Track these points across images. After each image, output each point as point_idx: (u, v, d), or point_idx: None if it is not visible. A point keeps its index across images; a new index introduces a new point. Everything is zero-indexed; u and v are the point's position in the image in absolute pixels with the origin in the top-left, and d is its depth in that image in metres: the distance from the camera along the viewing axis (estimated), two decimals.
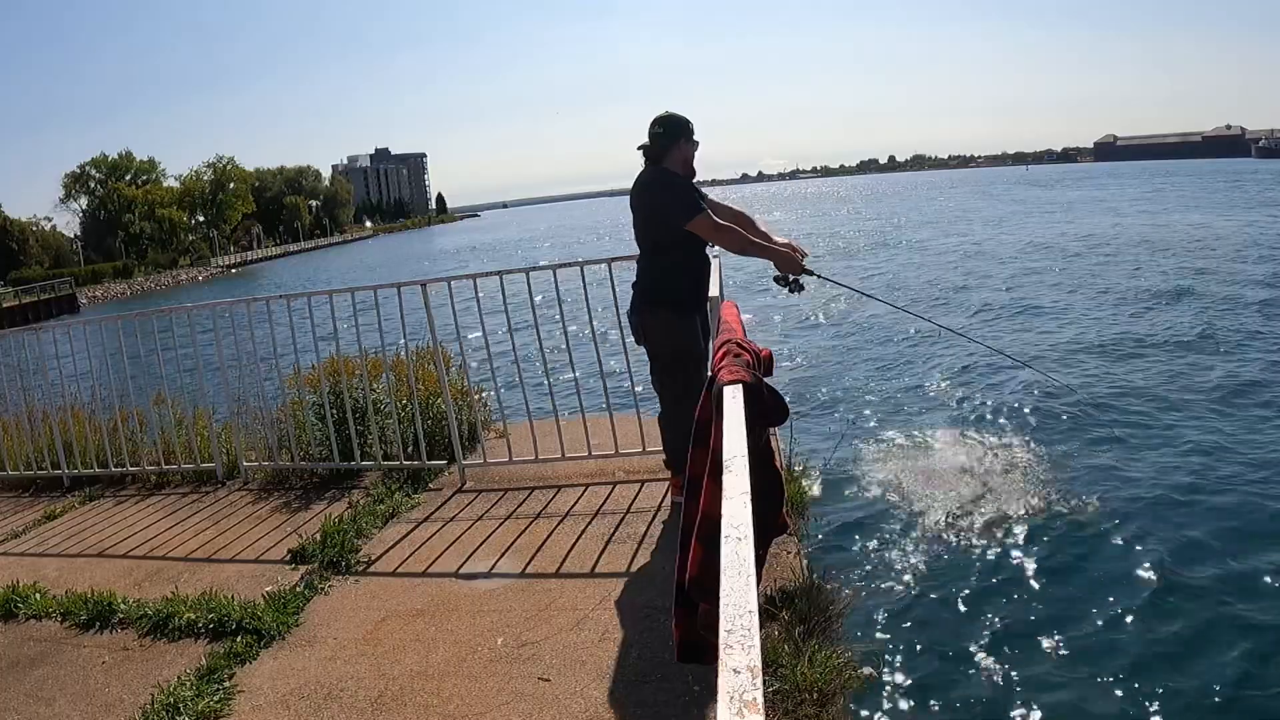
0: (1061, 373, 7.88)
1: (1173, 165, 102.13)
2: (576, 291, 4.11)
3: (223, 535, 3.92)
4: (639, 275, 3.44)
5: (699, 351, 3.31)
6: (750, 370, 1.80)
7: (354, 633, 2.83)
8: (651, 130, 3.30)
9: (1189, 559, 4.09)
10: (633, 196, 3.36)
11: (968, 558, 4.20)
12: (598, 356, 4.16)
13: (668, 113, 3.32)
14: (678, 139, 3.29)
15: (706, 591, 1.50)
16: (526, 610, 2.82)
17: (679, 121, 3.30)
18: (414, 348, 4.80)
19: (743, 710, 0.73)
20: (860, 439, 6.47)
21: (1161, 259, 16.60)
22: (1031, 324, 11.06)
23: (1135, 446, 5.77)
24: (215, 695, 2.51)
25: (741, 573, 0.96)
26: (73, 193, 69.76)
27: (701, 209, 3.22)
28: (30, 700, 2.66)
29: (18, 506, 4.95)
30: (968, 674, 3.22)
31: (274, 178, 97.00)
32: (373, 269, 47.06)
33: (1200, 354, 8.36)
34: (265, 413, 4.76)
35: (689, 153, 3.32)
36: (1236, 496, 4.78)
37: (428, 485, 4.20)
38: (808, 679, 2.29)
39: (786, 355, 9.93)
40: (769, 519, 2.07)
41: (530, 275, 4.10)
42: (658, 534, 3.28)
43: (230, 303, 4.76)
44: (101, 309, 41.69)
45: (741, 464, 1.29)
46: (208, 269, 64.57)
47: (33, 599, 3.39)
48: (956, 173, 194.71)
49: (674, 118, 3.31)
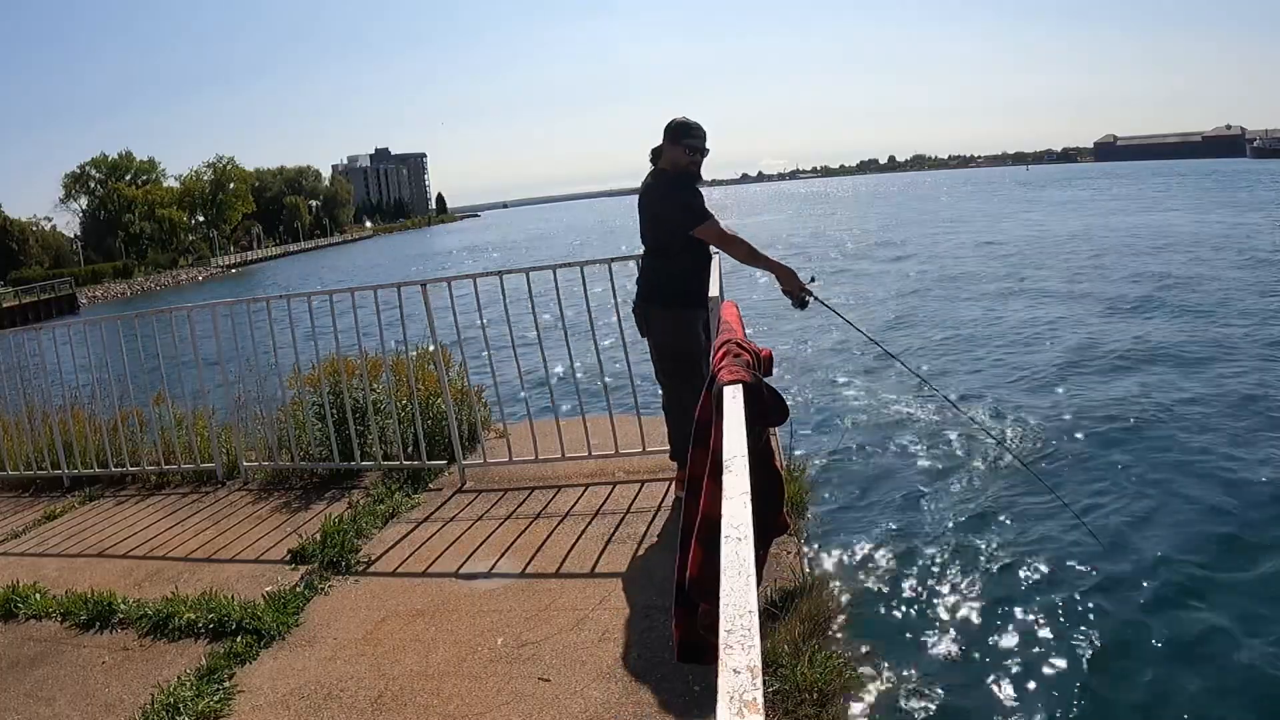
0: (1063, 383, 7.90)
1: (1168, 165, 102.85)
2: (577, 291, 4.11)
3: (223, 535, 3.92)
4: (644, 274, 3.52)
5: (700, 350, 3.36)
6: (750, 370, 1.80)
7: (354, 633, 2.83)
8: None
9: (1190, 560, 4.08)
10: (641, 198, 3.45)
11: (969, 557, 4.19)
12: (598, 357, 4.16)
13: (673, 119, 3.38)
14: (668, 142, 3.36)
15: (706, 592, 1.50)
16: (526, 610, 2.82)
17: (671, 126, 3.36)
18: (414, 348, 4.79)
19: (743, 710, 0.73)
20: (860, 439, 6.46)
21: (1112, 261, 17.11)
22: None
23: (1141, 451, 5.76)
24: (215, 695, 2.51)
25: (741, 573, 0.96)
26: (73, 193, 69.77)
27: (709, 215, 3.28)
28: (30, 700, 2.66)
29: (18, 506, 4.95)
30: (968, 674, 3.21)
31: (274, 178, 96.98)
32: (373, 269, 47.05)
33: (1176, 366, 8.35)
34: (265, 413, 4.76)
35: (676, 157, 3.35)
36: (1238, 499, 4.77)
37: (428, 485, 4.20)
38: (808, 679, 2.30)
39: (786, 355, 9.92)
40: (769, 519, 2.07)
41: (530, 275, 4.10)
42: (658, 534, 3.29)
43: (230, 303, 4.76)
44: (101, 309, 41.69)
45: (741, 464, 1.29)
46: (208, 269, 64.55)
47: (33, 599, 3.39)
48: (956, 173, 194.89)
49: (671, 123, 3.37)
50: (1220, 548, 4.18)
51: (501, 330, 4.51)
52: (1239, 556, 4.08)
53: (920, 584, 3.93)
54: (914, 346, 10.14)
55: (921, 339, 10.68)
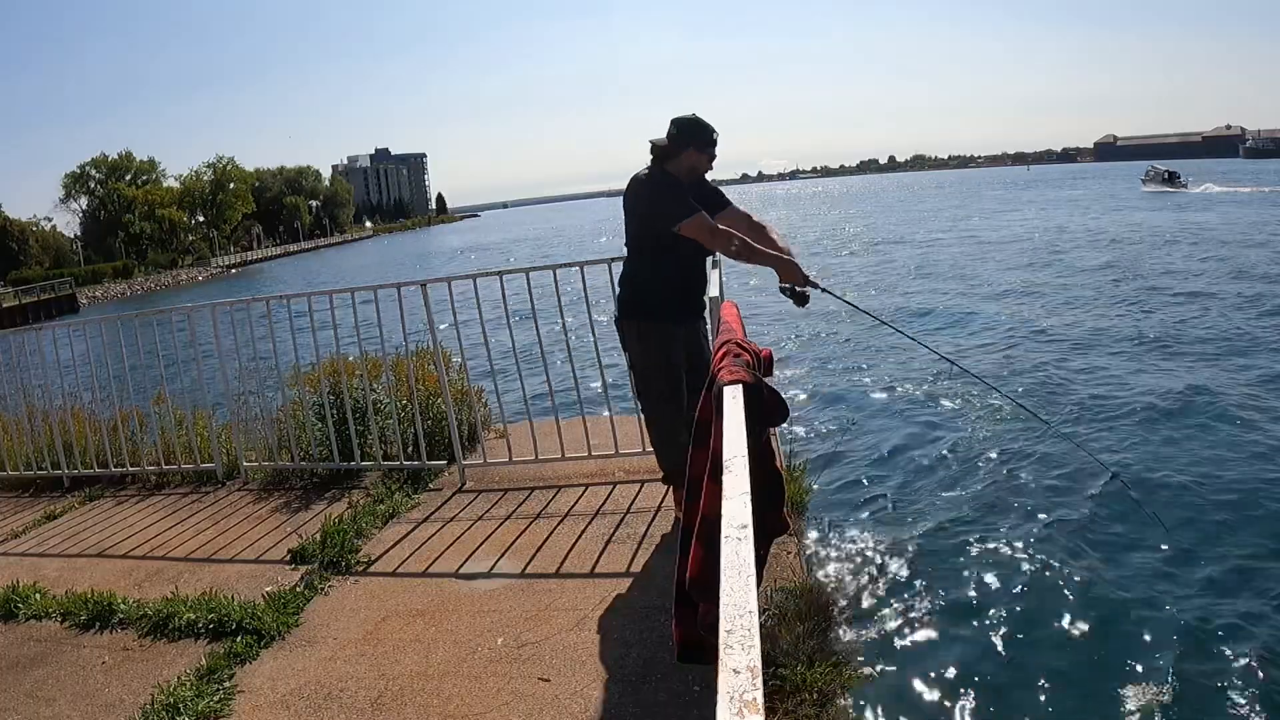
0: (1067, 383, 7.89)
1: (1163, 165, 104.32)
2: (577, 292, 4.11)
3: (223, 535, 3.92)
4: (623, 278, 3.24)
5: (670, 365, 3.10)
6: (750, 370, 1.80)
7: (354, 633, 2.83)
8: (669, 129, 3.07)
9: (1193, 559, 4.08)
10: (626, 195, 3.13)
11: (969, 557, 4.19)
12: (598, 357, 4.16)
13: (690, 115, 3.07)
14: (689, 145, 3.05)
15: (706, 592, 1.50)
16: (526, 610, 2.82)
17: (695, 127, 3.06)
18: (414, 348, 4.79)
19: (743, 710, 0.73)
20: (861, 439, 6.46)
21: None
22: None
23: (1141, 452, 5.76)
24: (215, 695, 2.51)
25: (741, 573, 0.95)
26: (73, 193, 69.76)
27: (695, 209, 2.95)
28: (30, 700, 2.66)
29: (18, 506, 4.95)
30: (968, 674, 3.21)
31: (274, 178, 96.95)
32: (373, 269, 47.04)
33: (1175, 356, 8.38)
34: (265, 413, 4.76)
35: (697, 162, 3.09)
36: (1240, 498, 4.77)
37: (428, 485, 4.20)
38: (808, 679, 2.30)
39: (786, 355, 9.92)
40: (769, 519, 2.07)
41: (530, 275, 4.10)
42: (658, 534, 3.28)
43: (230, 303, 4.76)
44: (101, 309, 41.64)
45: (741, 464, 1.29)
46: (208, 269, 64.52)
47: (33, 599, 3.39)
48: (956, 173, 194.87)
49: (692, 121, 3.06)
50: (1229, 546, 4.17)
51: (502, 330, 4.50)
52: (1257, 556, 4.07)
53: (921, 584, 3.93)
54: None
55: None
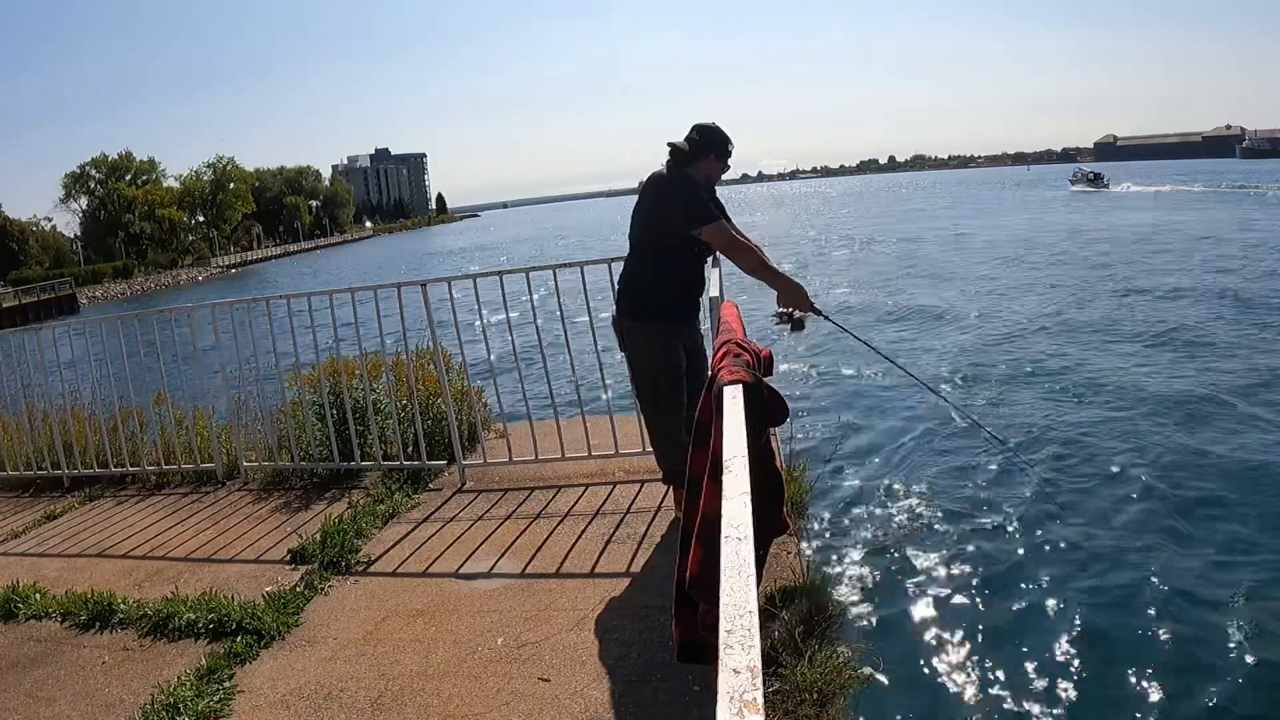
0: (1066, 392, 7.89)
1: (1161, 166, 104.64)
2: (576, 292, 4.10)
3: (223, 535, 3.92)
4: (624, 278, 3.26)
5: (671, 365, 3.15)
6: (750, 370, 1.80)
7: (354, 633, 2.83)
8: (690, 134, 3.15)
9: (1188, 558, 4.08)
10: (644, 191, 3.18)
11: (970, 557, 4.19)
12: (598, 357, 4.16)
13: (713, 124, 3.17)
14: (709, 153, 3.15)
15: (706, 592, 1.50)
16: (526, 610, 2.82)
17: (719, 136, 3.15)
18: (414, 348, 4.79)
19: (743, 710, 0.73)
20: (861, 439, 6.46)
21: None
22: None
23: (1144, 451, 5.77)
24: (215, 695, 2.51)
25: (741, 573, 0.95)
26: (73, 193, 69.78)
27: (717, 217, 3.05)
28: (30, 700, 2.66)
29: (18, 506, 4.95)
30: (968, 674, 3.21)
31: (274, 178, 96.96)
32: (373, 269, 47.03)
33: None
34: (265, 413, 4.76)
35: (714, 171, 3.19)
36: (1241, 496, 4.77)
37: (428, 485, 4.20)
38: (808, 679, 2.29)
39: (786, 355, 9.92)
40: (769, 519, 2.07)
41: (530, 275, 4.10)
42: (658, 534, 3.28)
43: (230, 303, 4.76)
44: (101, 309, 41.64)
45: (741, 464, 1.29)
46: (208, 269, 64.52)
47: (33, 599, 3.39)
48: (956, 173, 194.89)
49: (717, 132, 3.15)
50: (1225, 550, 4.17)
51: (502, 330, 4.50)
52: (1246, 559, 4.08)
53: (921, 584, 3.93)
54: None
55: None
